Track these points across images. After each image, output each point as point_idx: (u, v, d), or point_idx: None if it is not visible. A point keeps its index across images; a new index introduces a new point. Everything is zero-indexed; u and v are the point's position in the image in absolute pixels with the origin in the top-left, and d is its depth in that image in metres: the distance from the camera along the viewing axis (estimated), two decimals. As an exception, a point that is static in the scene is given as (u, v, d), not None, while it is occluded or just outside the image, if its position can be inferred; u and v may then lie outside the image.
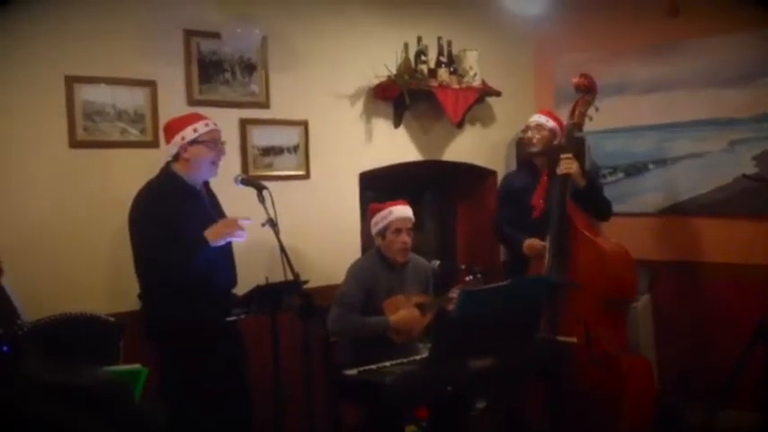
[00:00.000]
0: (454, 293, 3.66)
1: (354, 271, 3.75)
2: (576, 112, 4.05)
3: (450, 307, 3.60)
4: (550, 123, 4.25)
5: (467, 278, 3.72)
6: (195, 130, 3.30)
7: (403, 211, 3.74)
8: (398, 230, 3.70)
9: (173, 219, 3.18)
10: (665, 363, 4.77)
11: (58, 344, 2.89)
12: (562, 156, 3.96)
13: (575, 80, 4.10)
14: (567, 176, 3.93)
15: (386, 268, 3.75)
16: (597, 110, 4.07)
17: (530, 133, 4.29)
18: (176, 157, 3.33)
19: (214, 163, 3.37)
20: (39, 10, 3.41)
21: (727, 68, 4.50)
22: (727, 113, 4.50)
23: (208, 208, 3.37)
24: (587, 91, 4.07)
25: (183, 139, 3.29)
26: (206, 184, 3.47)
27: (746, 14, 4.37)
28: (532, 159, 4.35)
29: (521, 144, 4.68)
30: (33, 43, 3.43)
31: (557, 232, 3.92)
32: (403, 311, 3.63)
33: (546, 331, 3.59)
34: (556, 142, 4.20)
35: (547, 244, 3.97)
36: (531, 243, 4.09)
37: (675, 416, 4.41)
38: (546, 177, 4.17)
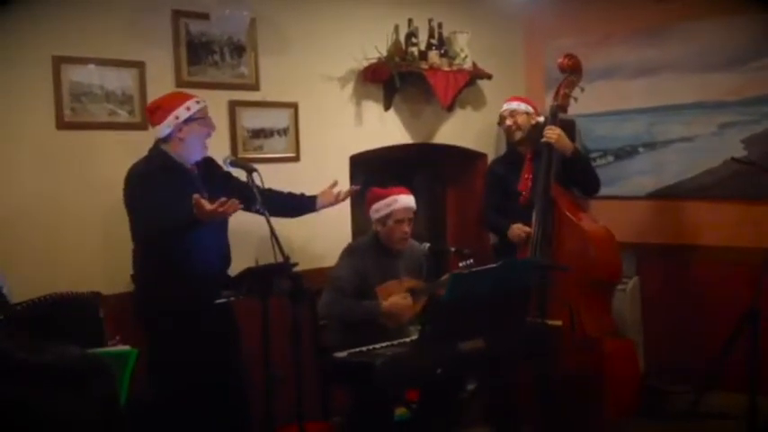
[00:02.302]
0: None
1: (348, 254, 3.73)
2: (561, 93, 4.09)
3: (442, 292, 3.61)
4: (522, 106, 4.34)
5: (460, 264, 3.71)
6: (189, 109, 3.28)
7: (407, 200, 3.71)
8: (401, 221, 3.68)
9: (163, 195, 3.16)
10: (652, 345, 4.81)
11: (38, 327, 2.86)
12: (546, 127, 4.00)
13: (559, 60, 4.14)
14: (550, 146, 3.96)
15: (381, 253, 3.73)
16: (583, 90, 4.09)
17: (508, 122, 4.35)
18: (167, 138, 3.30)
19: (206, 139, 3.37)
20: (25, -11, 3.37)
21: (716, 52, 4.51)
22: (716, 97, 4.52)
23: (199, 187, 3.35)
24: (572, 71, 4.10)
25: (177, 118, 3.26)
26: (202, 162, 3.44)
27: (735, -1, 4.38)
28: (515, 147, 4.41)
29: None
30: (20, 23, 3.38)
31: (542, 213, 3.95)
32: (395, 297, 3.61)
33: (534, 314, 3.60)
34: (533, 122, 4.27)
35: (533, 228, 3.99)
36: (514, 230, 4.14)
37: (662, 398, 4.44)
38: (529, 162, 4.20)
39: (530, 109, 4.34)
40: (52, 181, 3.50)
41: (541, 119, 4.30)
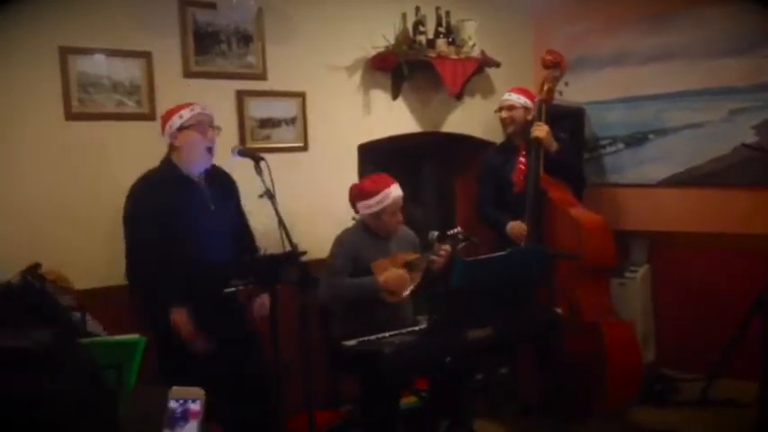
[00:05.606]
0: (440, 248, 3.66)
1: (340, 242, 3.72)
2: (545, 88, 4.20)
3: (435, 258, 3.61)
4: (522, 100, 4.36)
5: (448, 233, 3.72)
6: (181, 117, 3.29)
7: (397, 192, 3.66)
8: (394, 212, 3.66)
9: (164, 210, 3.19)
10: (663, 332, 4.80)
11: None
12: (535, 123, 4.12)
13: (542, 56, 4.27)
14: (538, 140, 4.07)
15: (371, 238, 3.73)
16: (567, 84, 4.18)
17: (503, 113, 4.39)
18: (172, 147, 3.31)
19: (209, 150, 3.33)
20: (32, -20, 3.37)
21: (726, 38, 4.47)
22: (727, 83, 4.47)
23: (205, 199, 3.34)
24: (554, 67, 4.22)
25: (170, 127, 3.29)
26: (213, 174, 3.43)
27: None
28: (511, 138, 4.43)
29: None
30: (27, 14, 3.39)
31: (533, 206, 3.99)
32: (392, 271, 3.62)
33: (542, 302, 3.61)
34: (530, 117, 4.30)
35: (526, 221, 4.05)
36: (513, 226, 4.16)
37: (672, 385, 4.43)
38: (524, 153, 4.22)
39: (528, 104, 4.33)
40: (61, 171, 3.51)
41: None
